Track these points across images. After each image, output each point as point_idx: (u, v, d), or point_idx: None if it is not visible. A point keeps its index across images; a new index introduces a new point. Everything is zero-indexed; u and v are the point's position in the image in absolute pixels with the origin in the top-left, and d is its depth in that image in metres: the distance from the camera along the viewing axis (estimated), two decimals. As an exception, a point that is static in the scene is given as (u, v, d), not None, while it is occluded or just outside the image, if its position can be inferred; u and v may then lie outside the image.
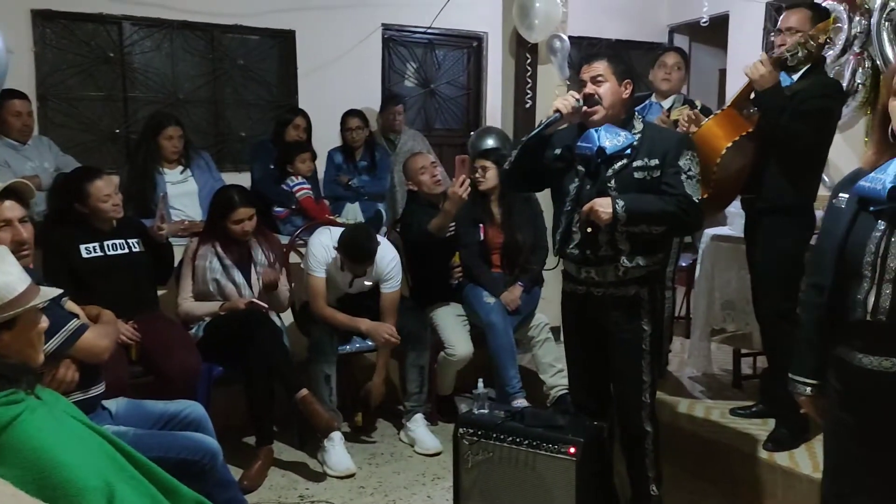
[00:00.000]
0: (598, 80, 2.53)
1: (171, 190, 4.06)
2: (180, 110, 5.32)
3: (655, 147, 2.48)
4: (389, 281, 3.63)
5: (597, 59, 2.58)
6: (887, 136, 1.71)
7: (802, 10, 3.05)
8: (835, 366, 1.81)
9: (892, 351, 1.67)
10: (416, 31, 6.13)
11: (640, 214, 2.41)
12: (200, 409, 2.67)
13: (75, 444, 1.78)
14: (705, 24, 4.60)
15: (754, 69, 2.87)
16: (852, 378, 1.76)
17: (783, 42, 2.98)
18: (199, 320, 3.43)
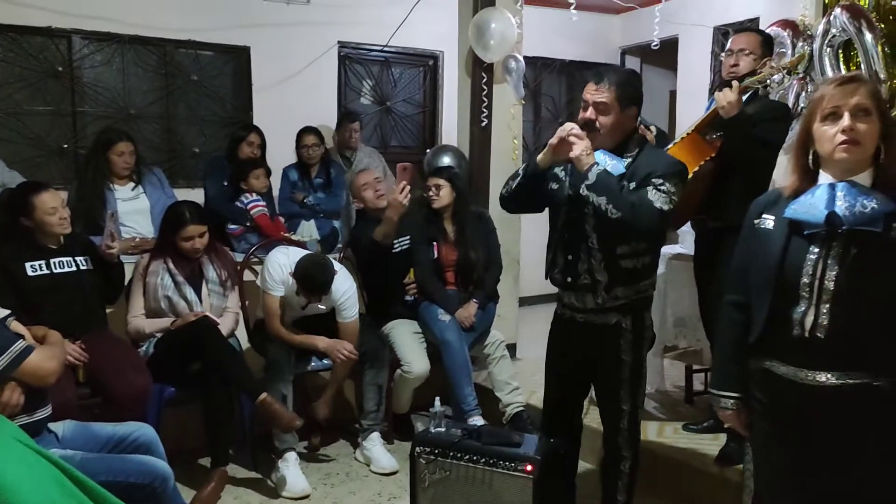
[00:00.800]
0: (601, 110, 2.42)
1: (122, 207, 3.99)
2: (132, 125, 5.22)
3: (639, 171, 2.40)
4: (345, 311, 3.58)
5: (604, 83, 2.42)
6: (808, 160, 1.80)
7: (752, 33, 3.16)
8: (761, 379, 1.87)
9: (828, 366, 1.74)
10: (372, 49, 6.14)
11: (606, 185, 2.32)
12: (151, 430, 2.62)
13: (22, 468, 1.73)
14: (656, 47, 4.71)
15: (724, 96, 2.88)
16: (784, 391, 1.82)
17: (736, 62, 3.05)
18: (150, 338, 3.36)
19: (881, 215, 1.66)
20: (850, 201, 1.70)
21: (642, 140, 2.54)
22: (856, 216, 1.68)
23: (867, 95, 1.71)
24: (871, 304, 1.68)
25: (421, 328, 3.91)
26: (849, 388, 1.71)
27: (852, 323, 1.70)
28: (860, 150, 1.71)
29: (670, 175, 2.37)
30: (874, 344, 1.69)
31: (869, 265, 1.68)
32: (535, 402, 3.92)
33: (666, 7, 4.56)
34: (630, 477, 2.61)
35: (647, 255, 2.48)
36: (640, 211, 2.30)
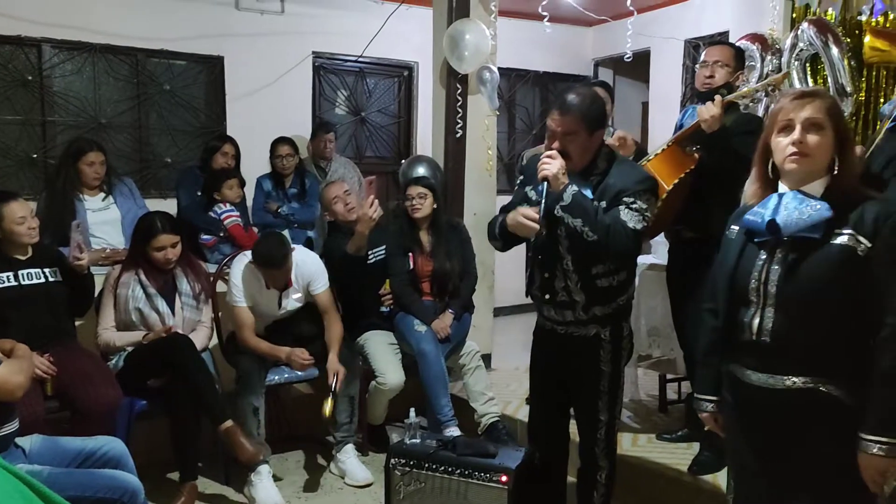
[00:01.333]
0: (569, 139, 2.41)
1: (93, 217, 3.94)
2: (102, 135, 5.17)
3: (609, 189, 2.40)
4: (317, 282, 3.62)
5: (569, 113, 2.39)
6: (767, 171, 1.87)
7: (726, 46, 3.20)
8: (728, 382, 1.94)
9: (776, 369, 1.80)
10: (346, 60, 6.14)
11: (581, 207, 2.34)
12: (120, 444, 2.58)
13: (-14, 485, 1.69)
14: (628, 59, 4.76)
15: (707, 110, 2.89)
16: (743, 394, 1.89)
17: (711, 74, 3.07)
18: (120, 351, 3.31)
19: (819, 222, 1.73)
20: (791, 210, 1.77)
21: (611, 155, 2.53)
22: (794, 223, 1.76)
23: (820, 110, 1.76)
24: (810, 309, 1.74)
25: (397, 339, 3.90)
26: (794, 392, 1.77)
27: (793, 327, 1.76)
28: (809, 162, 1.77)
29: (641, 192, 2.38)
30: (816, 348, 1.74)
31: (808, 271, 1.74)
32: (511, 412, 3.93)
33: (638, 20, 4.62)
34: (606, 487, 2.62)
35: (623, 271, 2.50)
36: (615, 233, 2.31)
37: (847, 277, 1.70)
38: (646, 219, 2.37)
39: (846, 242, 1.70)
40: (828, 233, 1.73)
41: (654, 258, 3.97)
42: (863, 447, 1.69)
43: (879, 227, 1.68)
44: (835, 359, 1.73)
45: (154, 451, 3.37)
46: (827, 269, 1.72)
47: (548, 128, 2.47)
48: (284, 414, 3.91)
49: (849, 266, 1.70)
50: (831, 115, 1.77)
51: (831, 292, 1.72)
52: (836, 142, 1.76)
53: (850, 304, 1.71)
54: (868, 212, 1.70)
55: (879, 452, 1.67)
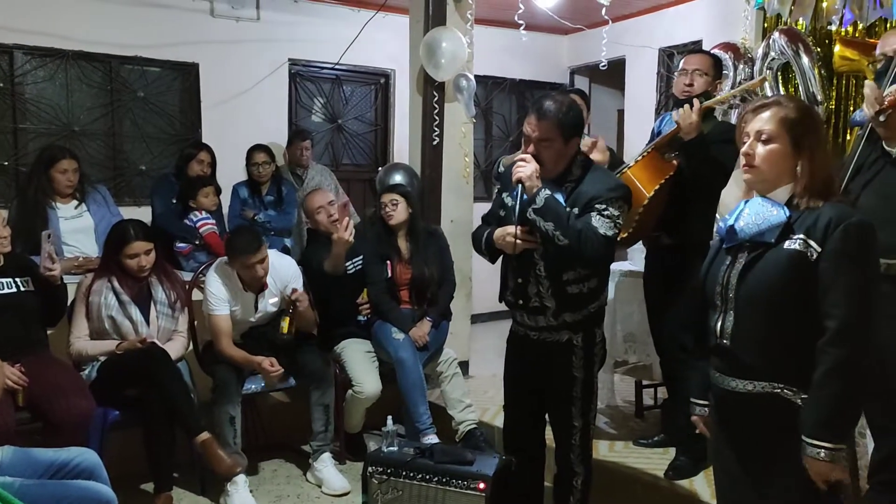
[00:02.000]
0: (544, 145, 2.42)
1: (65, 225, 3.90)
2: (75, 142, 5.12)
3: (582, 196, 2.42)
4: (294, 283, 3.64)
5: (546, 118, 2.40)
6: None
7: (704, 54, 3.24)
8: (710, 386, 1.98)
9: (737, 372, 1.84)
10: (323, 67, 6.13)
11: (553, 211, 2.35)
12: (94, 455, 2.54)
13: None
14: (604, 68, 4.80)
15: (686, 116, 2.92)
16: (716, 397, 1.94)
17: (691, 82, 3.10)
18: (93, 361, 3.27)
19: (772, 227, 1.76)
20: (751, 215, 1.81)
21: (586, 163, 2.55)
22: (749, 228, 1.80)
23: (771, 120, 1.79)
24: (762, 313, 1.77)
25: (374, 347, 3.89)
26: (755, 396, 1.80)
27: (748, 331, 1.80)
28: (758, 172, 1.81)
29: (613, 199, 2.39)
30: (771, 352, 1.77)
31: (759, 274, 1.78)
32: (489, 419, 3.93)
33: (613, 29, 4.65)
34: (582, 493, 2.62)
35: (594, 278, 2.50)
36: (586, 239, 2.32)
37: (797, 282, 1.72)
38: (617, 226, 2.38)
39: (797, 247, 1.73)
40: (782, 238, 1.76)
41: (631, 265, 4.00)
42: (807, 451, 1.70)
43: (829, 233, 1.70)
44: (790, 364, 1.75)
45: (128, 461, 3.32)
46: (777, 272, 1.74)
47: (524, 132, 2.48)
48: (261, 423, 3.88)
49: (799, 270, 1.72)
50: (784, 124, 1.77)
51: (781, 296, 1.74)
52: (792, 150, 1.78)
53: (801, 308, 1.73)
54: (822, 217, 1.72)
55: (824, 458, 1.68)
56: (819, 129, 1.83)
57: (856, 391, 1.71)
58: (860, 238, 1.70)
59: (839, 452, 1.69)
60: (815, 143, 1.78)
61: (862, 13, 3.78)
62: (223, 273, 3.53)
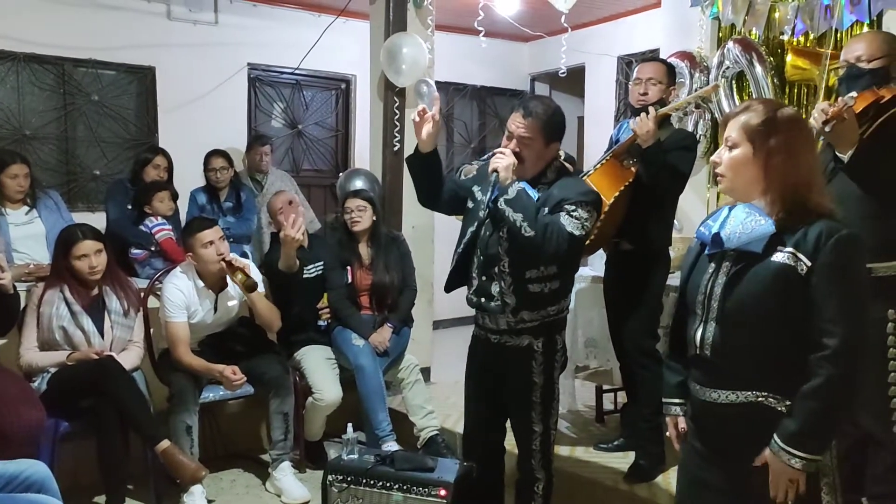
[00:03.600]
0: (525, 142, 2.44)
1: (16, 232, 3.81)
2: (26, 147, 5.00)
3: (552, 198, 2.43)
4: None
5: (531, 117, 2.43)
6: None
7: (658, 63, 3.27)
8: (688, 395, 1.94)
9: (716, 384, 1.80)
10: (283, 72, 6.08)
11: (523, 203, 2.36)
12: (44, 468, 2.47)
13: None
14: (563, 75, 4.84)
15: (643, 124, 2.94)
16: (694, 407, 1.90)
17: (645, 91, 3.13)
18: (43, 372, 3.19)
19: (761, 237, 1.71)
20: (737, 223, 1.76)
21: (560, 170, 2.57)
22: (737, 237, 1.75)
23: (735, 128, 1.77)
24: (748, 324, 1.73)
25: (334, 353, 3.86)
26: (737, 407, 1.76)
27: (732, 342, 1.75)
28: (724, 180, 1.79)
29: (583, 203, 2.41)
30: (755, 364, 1.74)
31: (746, 285, 1.73)
32: (451, 425, 3.92)
33: (573, 36, 4.69)
34: (544, 498, 2.63)
35: (557, 280, 2.50)
36: (551, 233, 2.33)
37: (785, 294, 1.68)
38: (584, 227, 2.39)
39: (786, 260, 1.68)
40: (769, 249, 1.71)
41: (592, 270, 4.03)
42: (781, 456, 1.68)
43: (820, 247, 1.66)
44: (774, 375, 1.72)
45: (80, 474, 3.26)
46: (765, 284, 1.70)
47: (507, 128, 2.50)
48: (219, 432, 3.82)
49: (787, 283, 1.68)
50: (746, 130, 1.74)
51: (768, 308, 1.70)
52: (754, 156, 1.73)
53: (789, 321, 1.69)
54: (812, 231, 1.67)
55: (797, 466, 1.67)
56: (783, 131, 1.73)
57: (842, 407, 1.70)
58: (851, 251, 1.67)
59: (813, 464, 1.68)
60: (775, 148, 1.72)
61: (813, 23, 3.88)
62: (183, 275, 3.47)
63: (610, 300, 3.41)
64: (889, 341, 2.42)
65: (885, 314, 2.42)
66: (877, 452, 2.48)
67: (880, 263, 2.40)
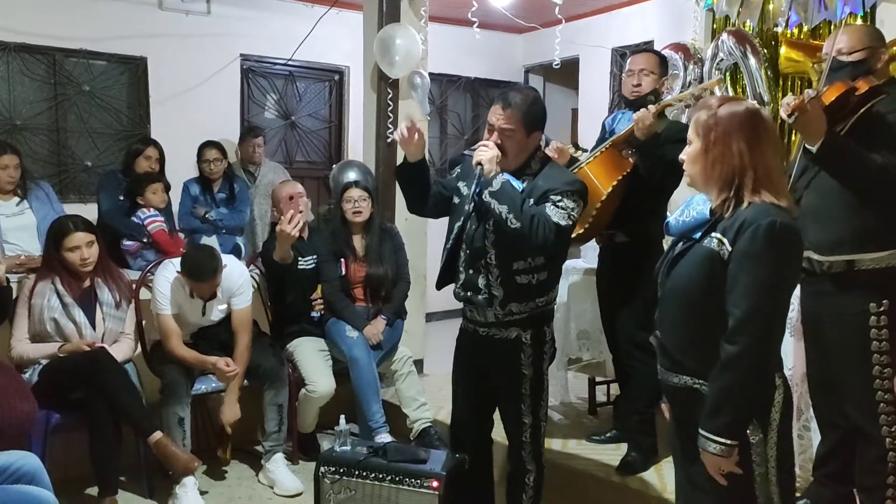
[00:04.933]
0: (507, 134, 2.44)
1: (6, 223, 3.80)
2: (17, 137, 4.97)
3: (537, 189, 2.43)
4: (240, 296, 3.53)
5: (510, 108, 2.43)
6: None
7: (650, 53, 3.27)
8: None
9: (667, 365, 1.90)
10: (276, 63, 6.05)
11: (508, 195, 2.36)
12: (35, 460, 2.47)
13: None
14: (557, 67, 4.83)
15: (643, 117, 2.93)
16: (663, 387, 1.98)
17: (639, 83, 3.13)
18: (35, 364, 3.17)
19: (698, 224, 1.82)
20: (684, 212, 1.88)
21: (544, 159, 2.58)
22: (681, 224, 1.86)
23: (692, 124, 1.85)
24: (679, 307, 1.83)
25: (328, 345, 3.85)
26: (680, 389, 1.86)
27: (669, 324, 1.85)
28: (686, 174, 1.88)
29: (568, 192, 2.41)
30: (689, 347, 1.82)
31: (679, 269, 1.83)
32: (443, 417, 3.92)
33: (567, 28, 4.67)
34: (534, 490, 2.63)
35: (544, 271, 2.50)
36: (538, 224, 2.33)
37: (709, 279, 1.76)
38: (571, 217, 2.39)
39: (712, 245, 1.76)
40: (704, 235, 1.80)
41: (585, 262, 4.03)
42: (701, 443, 1.75)
43: (741, 233, 1.72)
44: (706, 360, 1.77)
45: (71, 465, 3.25)
46: (692, 268, 1.80)
47: (487, 121, 2.50)
48: (211, 424, 3.81)
49: (711, 267, 1.76)
50: (697, 125, 1.83)
51: (694, 291, 1.79)
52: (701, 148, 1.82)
53: (714, 306, 1.75)
54: (739, 217, 1.74)
55: (713, 451, 1.72)
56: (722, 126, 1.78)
57: (745, 387, 1.72)
58: (769, 239, 1.69)
59: (731, 448, 1.72)
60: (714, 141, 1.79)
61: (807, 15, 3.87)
62: (174, 276, 3.45)
63: (603, 292, 3.41)
64: (871, 334, 2.42)
65: (866, 308, 2.42)
66: (865, 445, 2.50)
67: (863, 255, 2.41)
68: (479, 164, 2.41)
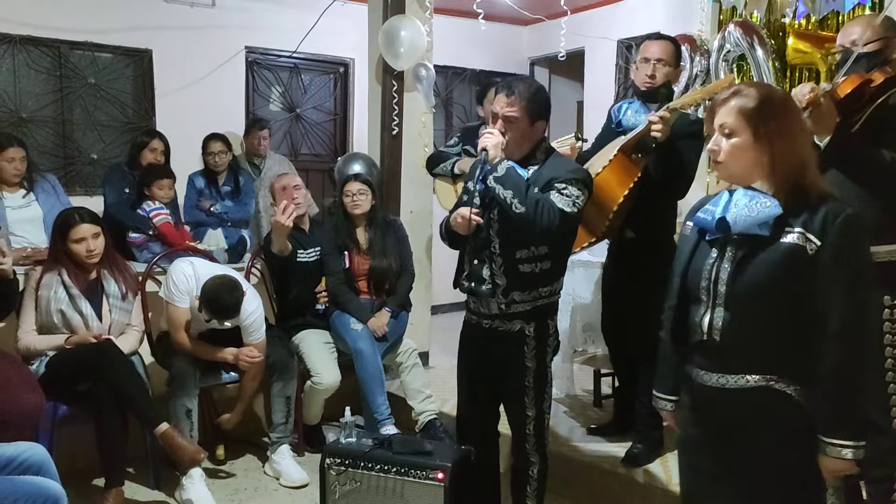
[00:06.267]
0: (511, 120, 2.43)
1: (13, 215, 3.81)
2: (23, 130, 4.98)
3: (542, 177, 2.43)
4: (254, 332, 3.45)
5: (514, 96, 2.42)
6: None
7: (666, 41, 3.09)
8: (685, 384, 1.92)
9: (726, 368, 1.78)
10: (281, 55, 6.05)
11: (513, 180, 2.36)
12: (42, 450, 2.48)
13: None
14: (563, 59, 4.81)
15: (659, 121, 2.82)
16: (696, 394, 1.87)
17: (653, 73, 3.01)
18: (42, 356, 3.18)
19: (768, 220, 1.70)
20: (742, 207, 1.74)
21: (549, 150, 2.57)
22: (744, 220, 1.73)
23: (731, 113, 1.73)
24: (759, 307, 1.72)
25: (333, 338, 3.86)
26: (747, 392, 1.75)
27: (743, 326, 1.74)
28: (724, 168, 1.77)
29: (573, 180, 2.41)
30: (766, 346, 1.73)
31: (756, 268, 1.72)
32: (449, 409, 3.93)
33: (572, 20, 4.65)
34: (539, 482, 2.63)
35: (548, 260, 2.48)
36: (542, 209, 2.33)
37: (795, 276, 1.68)
38: (576, 205, 2.38)
39: (795, 241, 1.67)
40: (777, 231, 1.70)
41: (589, 255, 4.01)
42: (828, 451, 1.67)
43: (828, 227, 1.65)
44: (786, 357, 1.72)
45: (78, 456, 3.26)
46: (775, 267, 1.69)
47: (492, 110, 2.49)
48: (218, 415, 3.82)
49: (797, 264, 1.67)
50: (745, 115, 1.72)
51: (779, 290, 1.69)
52: (754, 141, 1.71)
53: (799, 302, 1.69)
54: (818, 210, 1.67)
55: (848, 456, 1.65)
56: (780, 114, 1.72)
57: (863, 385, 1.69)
58: (857, 230, 1.67)
59: (861, 449, 1.67)
60: (775, 130, 1.70)
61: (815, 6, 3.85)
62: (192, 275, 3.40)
63: (610, 287, 3.39)
64: (885, 327, 2.41)
65: (880, 300, 2.40)
66: (875, 437, 2.48)
67: (878, 247, 2.39)
68: (483, 149, 2.42)
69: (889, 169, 2.34)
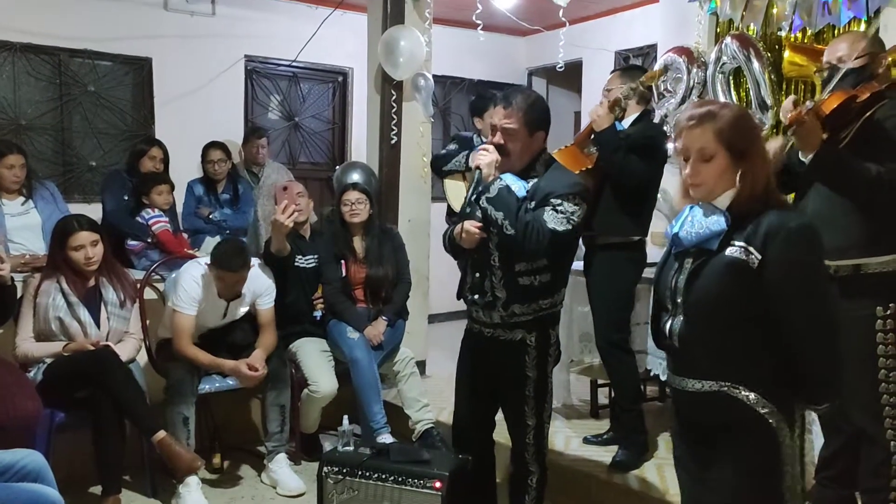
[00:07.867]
0: (509, 133, 2.45)
1: (12, 222, 3.81)
2: (22, 137, 4.99)
3: (539, 191, 2.44)
4: (266, 297, 3.62)
5: (512, 108, 2.45)
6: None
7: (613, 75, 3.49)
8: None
9: (684, 372, 1.86)
10: (280, 64, 6.07)
11: (504, 201, 2.37)
12: (40, 458, 2.48)
13: None
14: (560, 69, 4.84)
15: (595, 109, 3.15)
16: (672, 396, 1.98)
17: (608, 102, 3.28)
18: (39, 363, 3.18)
19: (713, 235, 1.77)
20: (694, 222, 1.83)
21: (549, 161, 2.59)
22: (692, 236, 1.81)
23: (706, 137, 1.76)
24: (707, 317, 1.79)
25: (329, 346, 3.86)
26: (704, 395, 1.82)
27: (695, 333, 1.82)
28: (703, 189, 1.80)
29: (570, 195, 2.41)
30: (719, 353, 1.80)
31: (703, 280, 1.79)
32: (445, 418, 3.92)
33: (570, 31, 4.68)
34: (537, 491, 2.63)
35: (547, 273, 2.49)
36: (531, 231, 2.34)
37: (741, 287, 1.73)
38: (570, 222, 2.39)
39: (736, 254, 1.73)
40: (723, 244, 1.76)
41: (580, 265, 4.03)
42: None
43: (769, 242, 1.69)
44: (739, 364, 1.77)
45: (76, 464, 3.25)
46: (718, 278, 1.75)
47: (490, 123, 2.51)
48: (214, 423, 3.82)
49: (741, 276, 1.72)
50: (720, 137, 1.75)
51: (724, 301, 1.75)
52: (731, 160, 1.76)
53: (747, 313, 1.74)
54: (762, 224, 1.72)
55: None
56: (751, 132, 1.79)
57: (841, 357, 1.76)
58: (802, 242, 1.70)
59: None
60: (752, 150, 1.77)
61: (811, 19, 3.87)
62: (202, 277, 3.46)
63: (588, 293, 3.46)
64: (878, 338, 2.43)
65: (872, 311, 2.43)
66: (869, 448, 2.50)
67: (870, 259, 2.42)
68: (477, 167, 2.43)
69: (870, 188, 2.36)
